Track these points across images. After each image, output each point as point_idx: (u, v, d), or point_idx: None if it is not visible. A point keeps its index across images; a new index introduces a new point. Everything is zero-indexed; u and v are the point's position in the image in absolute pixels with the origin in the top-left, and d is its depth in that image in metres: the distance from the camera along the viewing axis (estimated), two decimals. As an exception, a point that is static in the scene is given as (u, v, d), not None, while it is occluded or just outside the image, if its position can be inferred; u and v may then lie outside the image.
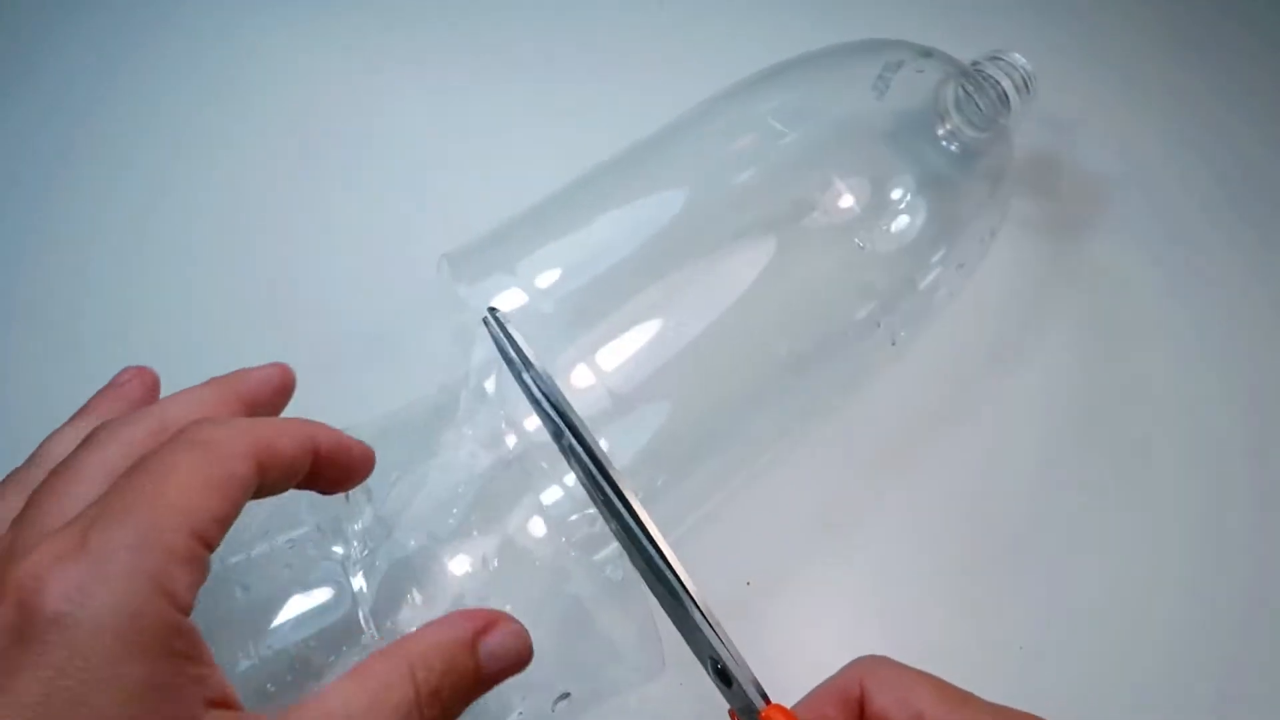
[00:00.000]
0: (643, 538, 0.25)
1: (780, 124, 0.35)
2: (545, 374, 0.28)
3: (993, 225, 0.38)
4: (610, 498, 0.26)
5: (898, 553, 0.37)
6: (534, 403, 0.27)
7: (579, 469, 0.27)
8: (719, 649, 0.24)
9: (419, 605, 0.27)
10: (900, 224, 0.36)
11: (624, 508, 0.26)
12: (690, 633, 0.25)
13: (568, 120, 0.47)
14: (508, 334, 0.28)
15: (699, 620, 0.24)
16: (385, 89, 0.48)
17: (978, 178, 0.38)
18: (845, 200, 0.35)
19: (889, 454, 0.39)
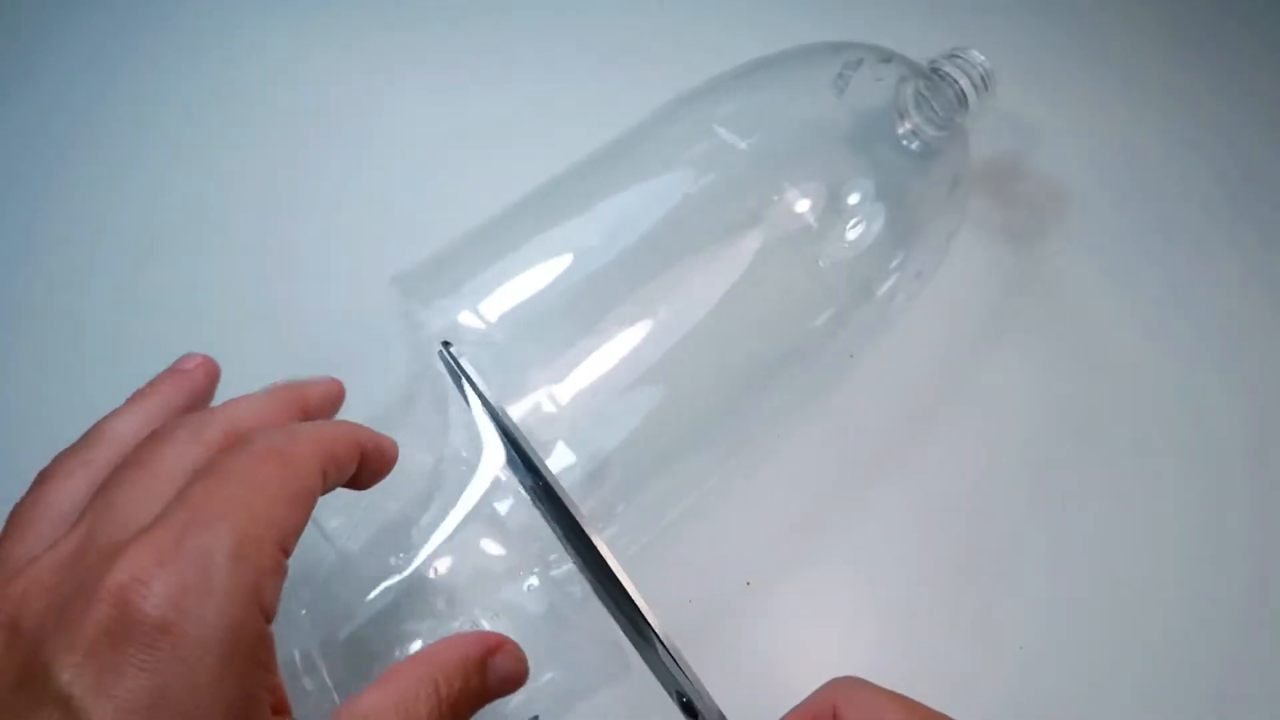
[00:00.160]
0: (606, 576, 0.25)
1: (735, 130, 0.34)
2: (504, 412, 0.27)
3: (951, 228, 0.38)
4: (574, 536, 0.26)
5: (898, 553, 0.37)
6: (509, 449, 0.27)
7: (542, 506, 0.27)
8: (683, 682, 0.24)
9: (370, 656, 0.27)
10: (858, 229, 0.35)
11: (587, 547, 0.26)
12: (655, 666, 0.25)
13: (570, 120, 0.46)
14: (463, 370, 0.28)
15: (664, 657, 0.25)
16: (385, 89, 0.48)
17: (936, 179, 0.38)
18: (801, 206, 0.35)
19: (889, 455, 0.39)
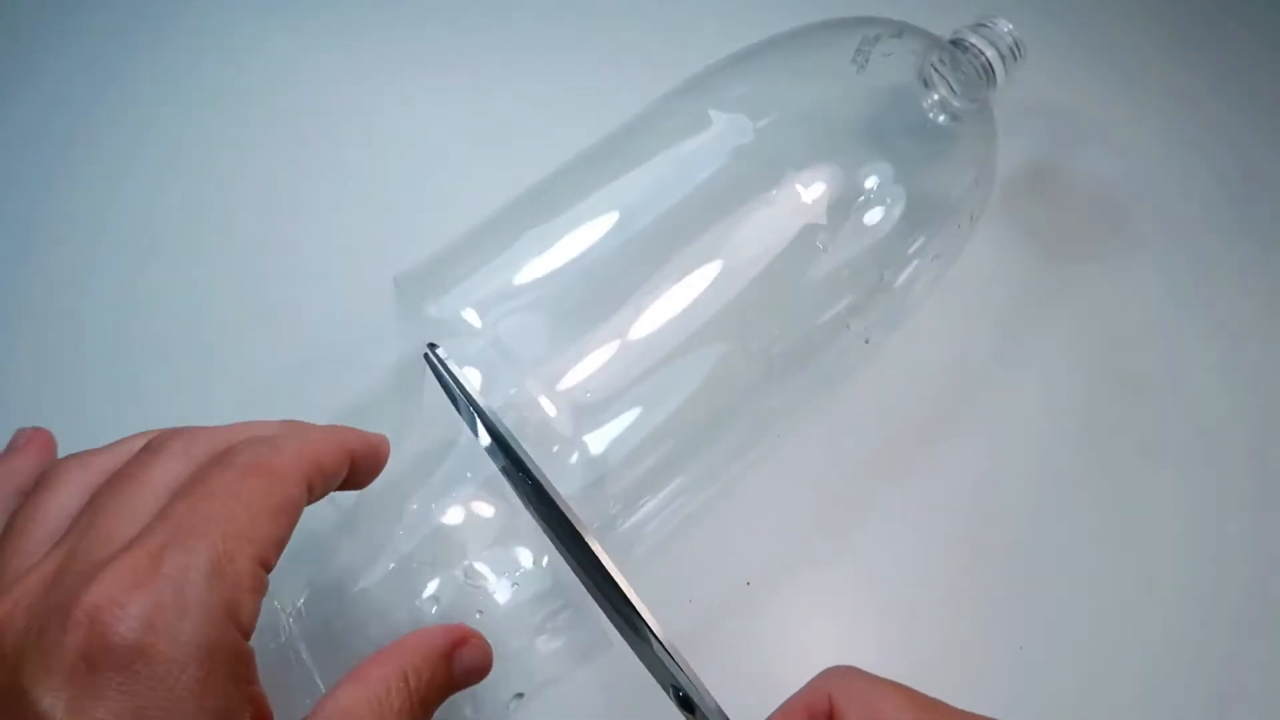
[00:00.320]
0: (600, 573, 0.25)
1: (746, 113, 0.33)
2: (493, 413, 0.27)
3: (973, 211, 0.37)
4: (566, 536, 0.26)
5: (898, 553, 0.37)
6: (499, 450, 0.27)
7: (533, 506, 0.27)
8: (679, 677, 0.24)
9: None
10: (877, 212, 0.34)
11: (580, 546, 0.25)
12: (651, 662, 0.25)
13: (571, 119, 0.44)
14: (449, 371, 0.27)
15: (659, 652, 0.25)
16: (386, 89, 0.47)
17: (961, 156, 0.36)
18: (817, 189, 0.33)
19: (889, 455, 0.39)
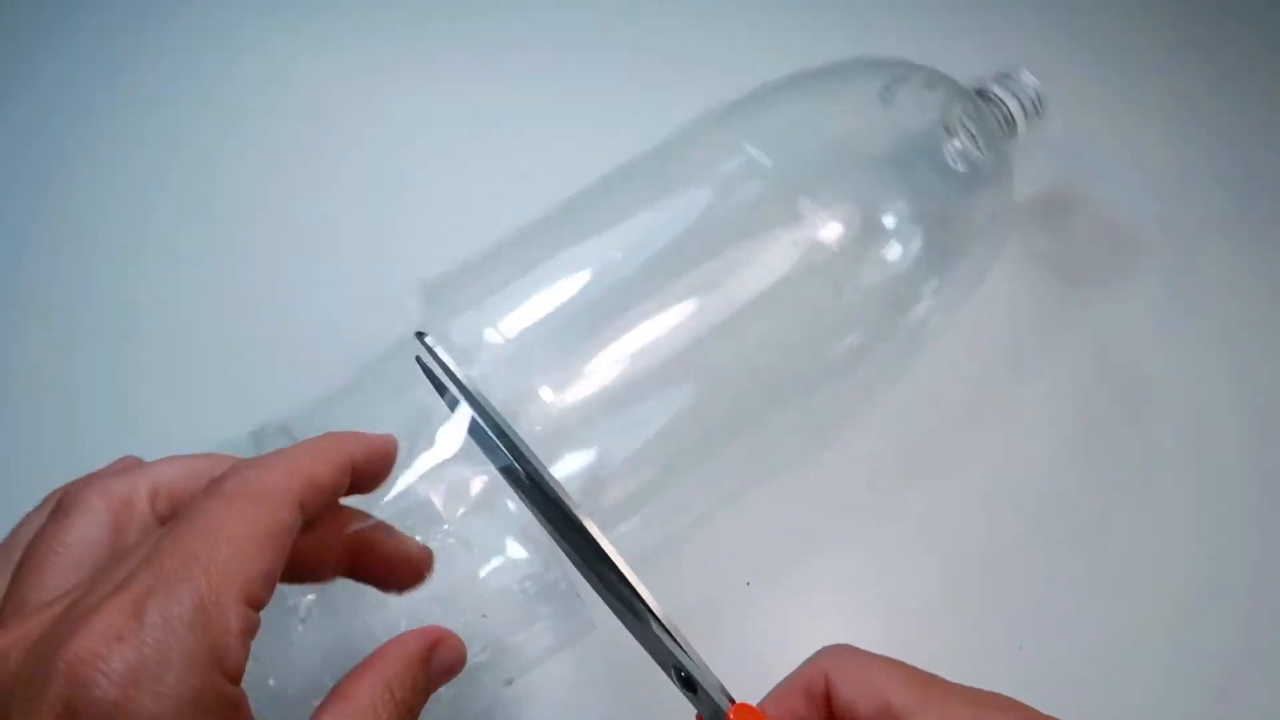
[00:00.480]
0: (597, 558, 0.25)
1: (766, 146, 0.34)
2: (479, 393, 0.27)
3: (990, 255, 0.37)
4: (562, 522, 0.25)
5: (898, 552, 0.37)
6: (477, 430, 0.27)
7: (524, 493, 0.26)
8: (681, 657, 0.24)
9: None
10: (894, 251, 0.35)
11: (576, 531, 0.25)
12: (651, 643, 0.25)
13: (577, 124, 0.46)
14: (436, 357, 0.27)
15: (658, 631, 0.24)
16: (387, 89, 0.48)
17: (979, 204, 0.37)
18: (834, 226, 0.34)
19: (890, 454, 0.39)
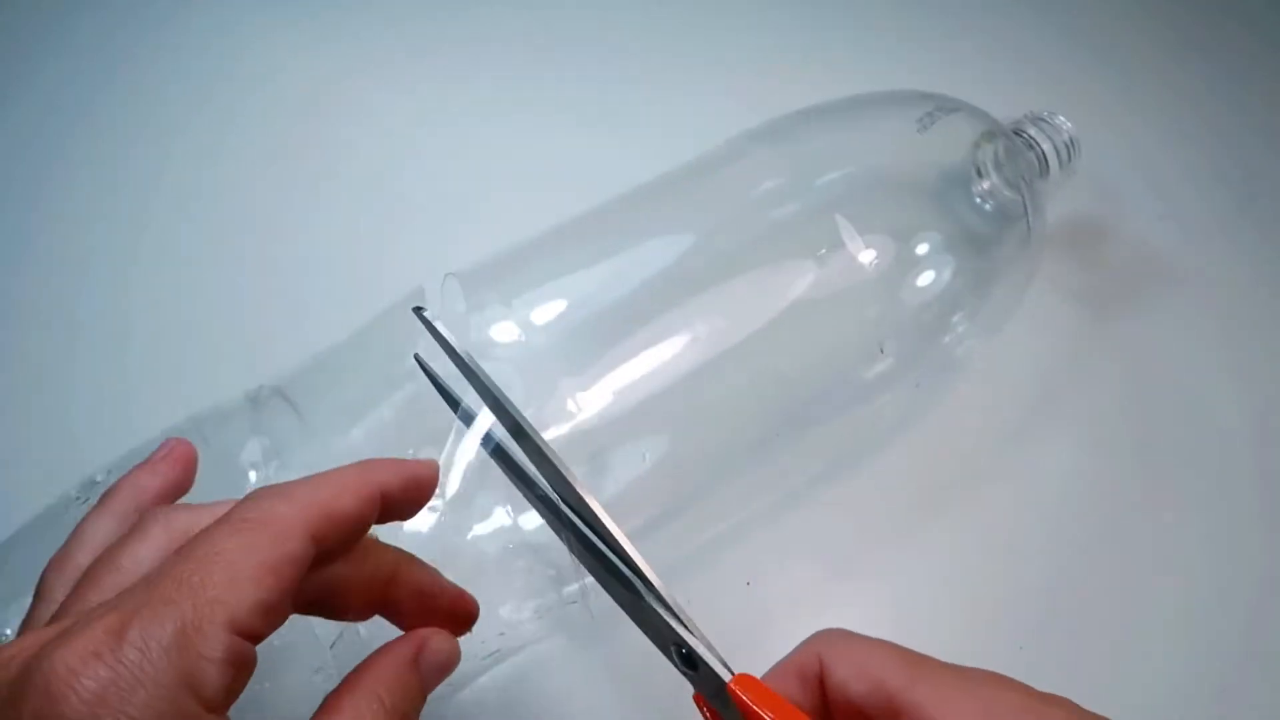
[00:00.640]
0: (593, 534, 0.25)
1: (803, 168, 0.34)
2: (473, 361, 0.26)
3: (1018, 290, 0.37)
4: (551, 494, 0.25)
5: (897, 553, 0.36)
6: (482, 418, 0.27)
7: (518, 479, 0.26)
8: (681, 631, 0.23)
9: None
10: (924, 280, 0.35)
11: (569, 504, 0.25)
12: (650, 622, 0.24)
13: (582, 127, 0.47)
14: (433, 328, 0.27)
15: (656, 605, 0.24)
16: (386, 90, 0.48)
17: (1009, 242, 0.37)
18: (867, 252, 0.34)
19: (890, 452, 0.39)
